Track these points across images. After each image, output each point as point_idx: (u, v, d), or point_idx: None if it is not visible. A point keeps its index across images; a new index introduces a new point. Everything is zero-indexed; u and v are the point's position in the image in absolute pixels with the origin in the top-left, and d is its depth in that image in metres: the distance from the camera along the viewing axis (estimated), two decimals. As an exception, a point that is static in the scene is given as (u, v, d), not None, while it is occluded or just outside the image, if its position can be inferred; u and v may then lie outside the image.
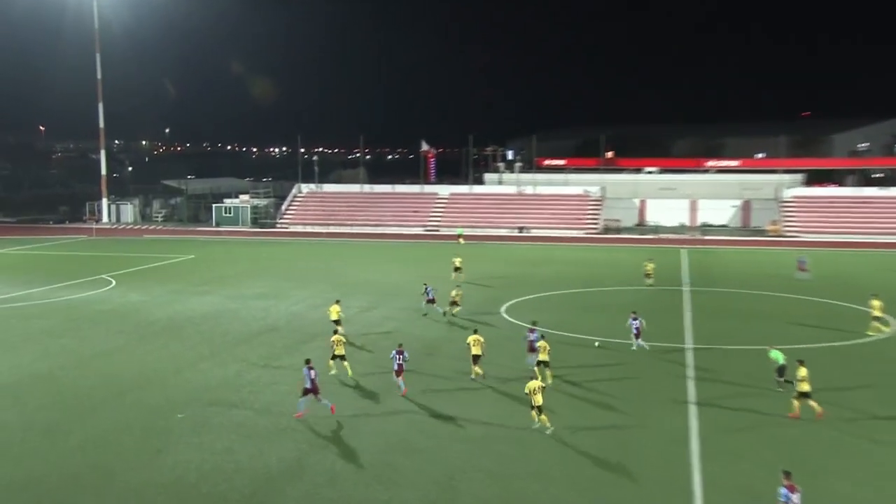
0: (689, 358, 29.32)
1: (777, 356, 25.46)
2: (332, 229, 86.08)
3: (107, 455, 20.25)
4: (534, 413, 21.53)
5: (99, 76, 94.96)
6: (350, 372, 26.82)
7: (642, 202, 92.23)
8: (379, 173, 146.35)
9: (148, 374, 27.35)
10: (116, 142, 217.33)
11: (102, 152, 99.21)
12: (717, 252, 66.93)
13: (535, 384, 21.77)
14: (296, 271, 52.96)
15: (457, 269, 48.59)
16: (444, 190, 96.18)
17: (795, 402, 22.55)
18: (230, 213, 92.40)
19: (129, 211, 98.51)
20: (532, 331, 28.48)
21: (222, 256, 63.68)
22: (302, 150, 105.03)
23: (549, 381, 25.48)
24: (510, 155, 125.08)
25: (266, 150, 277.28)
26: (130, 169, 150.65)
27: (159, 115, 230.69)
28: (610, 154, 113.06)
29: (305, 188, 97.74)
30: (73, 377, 27.14)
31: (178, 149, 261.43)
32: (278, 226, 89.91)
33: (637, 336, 30.34)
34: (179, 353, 30.59)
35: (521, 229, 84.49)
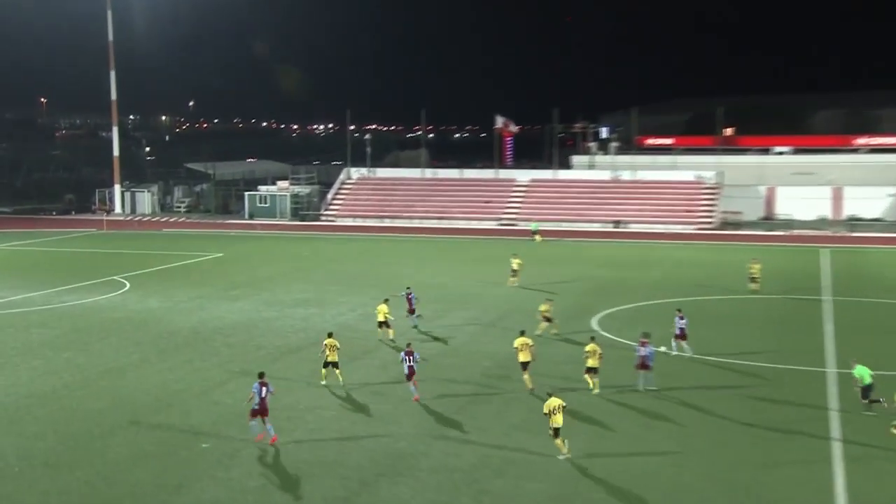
0: (832, 386, 28.41)
1: (863, 373, 25.84)
2: (387, 222, 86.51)
3: (118, 491, 20.53)
4: (559, 442, 22.14)
5: (110, 38, 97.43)
6: (342, 380, 28.56)
7: (770, 190, 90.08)
8: (444, 155, 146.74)
9: (168, 396, 27.73)
10: (131, 117, 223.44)
11: (115, 129, 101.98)
12: (867, 253, 64.73)
13: (555, 402, 22.10)
14: (344, 273, 53.34)
15: (514, 272, 48.39)
16: (523, 175, 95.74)
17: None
18: (266, 203, 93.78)
19: (146, 200, 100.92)
20: (644, 343, 28.48)
21: (256, 255, 64.60)
22: (352, 127, 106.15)
23: (595, 389, 27.50)
24: (604, 133, 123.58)
25: (309, 128, 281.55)
26: (148, 150, 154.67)
27: (182, 85, 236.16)
28: (729, 131, 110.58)
29: (356, 173, 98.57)
30: (80, 398, 27.70)
31: (205, 126, 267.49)
32: (323, 218, 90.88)
33: (681, 338, 31.24)
34: (205, 370, 30.97)
35: (616, 224, 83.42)
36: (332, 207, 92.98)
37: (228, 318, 39.84)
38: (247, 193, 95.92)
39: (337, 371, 28.67)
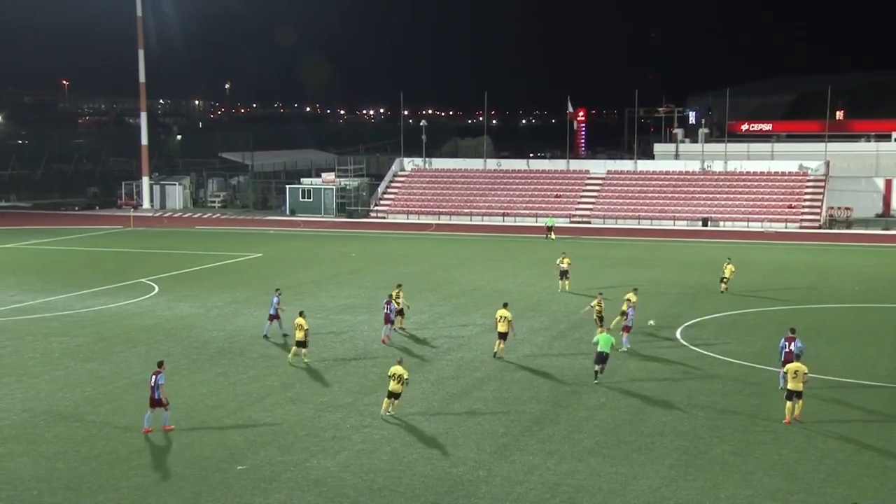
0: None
1: (603, 341, 30.36)
2: (444, 219, 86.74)
3: (146, 517, 20.81)
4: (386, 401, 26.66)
5: (139, 13, 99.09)
6: (307, 359, 32.70)
7: (888, 183, 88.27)
8: (509, 143, 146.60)
9: (200, 412, 28.15)
10: (161, 101, 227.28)
11: (143, 115, 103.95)
12: None
13: (398, 370, 26.95)
14: (396, 276, 53.53)
15: (564, 272, 48.60)
16: (599, 166, 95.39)
17: None
18: (309, 198, 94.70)
19: (177, 194, 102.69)
20: (791, 339, 29.48)
21: (298, 255, 65.26)
22: (406, 112, 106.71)
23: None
24: (692, 118, 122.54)
25: (358, 113, 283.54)
26: (179, 138, 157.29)
27: (218, 66, 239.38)
28: (840, 114, 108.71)
29: (409, 164, 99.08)
30: (104, 414, 28.24)
31: (242, 111, 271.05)
32: (373, 214, 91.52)
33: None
34: (241, 383, 31.38)
35: (705, 221, 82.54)
36: (382, 202, 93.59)
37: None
38: (288, 187, 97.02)
39: (304, 351, 32.78)
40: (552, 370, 32.71)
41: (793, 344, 29.60)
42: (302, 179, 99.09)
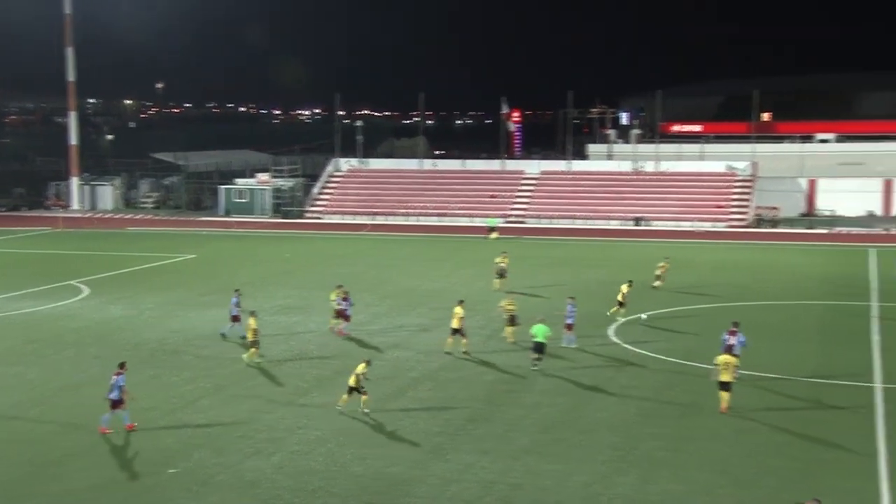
0: (879, 404, 28.48)
1: (538, 331, 32.46)
2: (380, 220, 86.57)
3: (76, 522, 20.50)
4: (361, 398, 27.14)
5: (68, 10, 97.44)
6: (256, 359, 33.21)
7: (812, 183, 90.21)
8: (444, 144, 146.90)
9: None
10: (91, 101, 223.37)
11: (72, 115, 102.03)
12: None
13: (360, 368, 27.64)
14: (332, 277, 53.29)
15: (501, 273, 49.01)
16: (533, 167, 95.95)
17: None
18: (244, 198, 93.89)
19: (107, 194, 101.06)
20: (733, 333, 30.98)
21: (233, 256, 64.72)
22: (341, 112, 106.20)
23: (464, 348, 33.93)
24: (624, 119, 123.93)
25: (293, 114, 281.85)
26: (110, 138, 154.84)
27: (150, 64, 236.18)
28: (766, 116, 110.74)
29: (345, 164, 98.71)
30: (33, 418, 27.76)
31: (175, 111, 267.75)
32: (308, 215, 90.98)
33: (569, 328, 35.71)
34: (175, 385, 31.02)
35: (637, 221, 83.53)
36: (318, 203, 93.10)
37: (201, 328, 39.85)
38: (222, 187, 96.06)
39: (251, 350, 33.33)
40: (488, 369, 32.86)
41: (735, 338, 30.69)
42: (236, 180, 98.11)
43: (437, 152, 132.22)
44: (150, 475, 23.05)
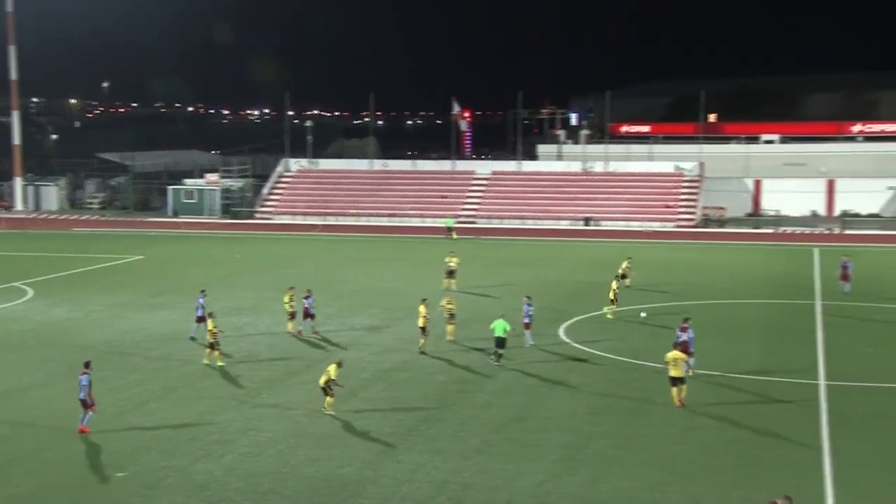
0: (823, 400, 28.98)
1: (498, 326, 33.24)
2: (330, 220, 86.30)
3: (22, 528, 20.19)
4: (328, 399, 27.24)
5: (10, 8, 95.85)
6: (220, 362, 32.99)
7: (757, 183, 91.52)
8: (395, 144, 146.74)
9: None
10: (35, 100, 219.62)
11: (15, 114, 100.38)
12: (863, 253, 65.96)
13: (331, 368, 27.50)
14: (283, 278, 53.04)
15: (450, 273, 49.19)
16: (484, 167, 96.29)
17: None
18: (192, 199, 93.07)
19: (52, 195, 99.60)
20: (684, 329, 31.74)
21: (182, 257, 64.12)
22: (291, 112, 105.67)
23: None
24: (574, 119, 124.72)
25: (242, 114, 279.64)
26: (55, 137, 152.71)
27: (95, 63, 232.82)
28: (713, 117, 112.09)
29: (295, 165, 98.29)
30: (-22, 421, 27.29)
31: (122, 110, 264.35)
32: (258, 215, 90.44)
33: (527, 327, 35.73)
34: (123, 388, 30.64)
35: (587, 221, 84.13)
36: (268, 203, 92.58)
37: (149, 330, 39.47)
38: (170, 187, 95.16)
39: (216, 352, 33.10)
40: (439, 369, 32.91)
41: (686, 333, 31.39)
42: (185, 180, 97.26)
43: (387, 153, 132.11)
44: (98, 479, 22.76)
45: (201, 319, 36.85)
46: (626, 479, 22.55)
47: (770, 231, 79.78)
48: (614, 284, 42.97)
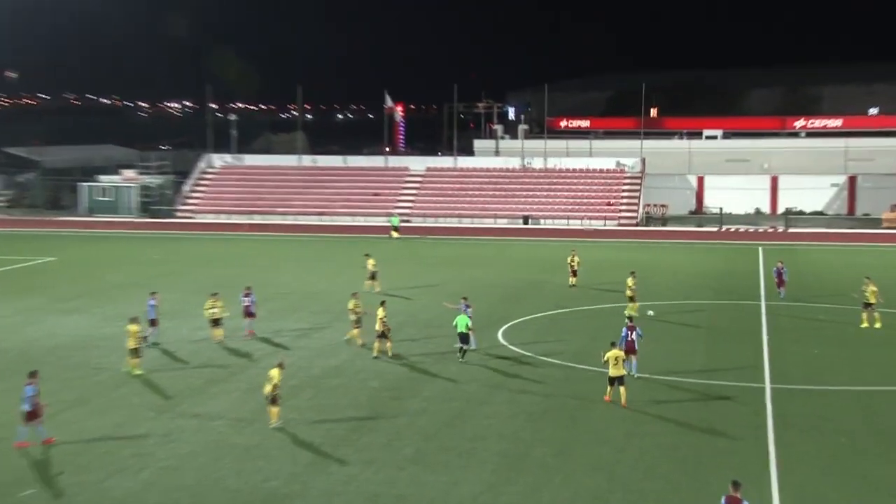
0: (768, 404, 29.37)
1: (461, 322, 34.00)
2: (257, 219, 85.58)
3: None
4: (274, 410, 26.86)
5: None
6: (138, 370, 32.69)
7: (700, 180, 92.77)
8: (325, 139, 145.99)
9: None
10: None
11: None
12: (807, 251, 67.21)
13: (274, 372, 27.13)
14: (207, 280, 52.46)
15: (372, 275, 49.24)
16: (418, 163, 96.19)
17: None
18: (108, 197, 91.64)
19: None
20: (632, 328, 32.33)
21: (97, 259, 63.11)
22: (214, 105, 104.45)
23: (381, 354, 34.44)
24: (511, 114, 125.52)
25: (161, 106, 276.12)
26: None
27: (1, 53, 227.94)
28: (654, 112, 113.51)
29: (219, 161, 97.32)
30: None
31: (30, 102, 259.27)
32: (179, 214, 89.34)
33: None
34: (31, 399, 29.99)
35: (526, 219, 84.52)
36: (190, 202, 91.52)
37: (62, 336, 38.74)
38: (84, 185, 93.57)
39: (135, 360, 32.93)
40: (371, 375, 32.74)
41: (634, 332, 31.99)
42: (100, 177, 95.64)
43: (316, 149, 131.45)
44: (3, 497, 22.23)
45: (154, 323, 37.14)
46: (567, 489, 22.63)
47: (713, 229, 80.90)
48: (630, 281, 43.29)
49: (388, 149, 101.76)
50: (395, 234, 74.04)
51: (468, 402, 29.60)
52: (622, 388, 28.75)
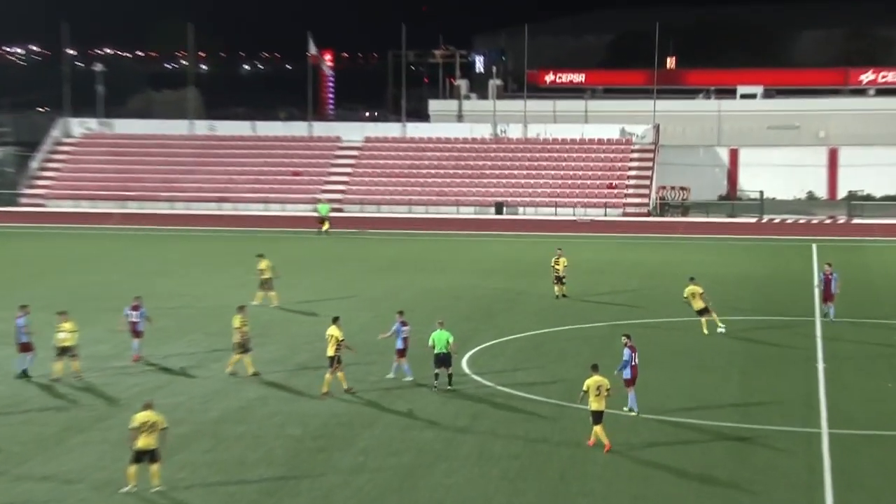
0: (825, 455, 29.42)
1: (438, 339, 34.52)
2: (133, 208, 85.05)
3: None
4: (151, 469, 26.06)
5: None
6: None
7: (734, 154, 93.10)
8: (226, 99, 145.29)
9: None
10: None
11: None
12: (878, 250, 67.70)
13: (149, 417, 26.31)
14: (57, 293, 51.97)
15: (264, 281, 49.61)
16: (354, 131, 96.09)
17: None
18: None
19: None
20: (633, 347, 32.71)
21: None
22: (72, 51, 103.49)
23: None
24: (479, 65, 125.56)
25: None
26: None
27: None
28: (671, 62, 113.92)
29: (80, 127, 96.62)
30: None
31: None
32: (25, 201, 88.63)
33: (401, 354, 35.84)
34: None
35: (499, 208, 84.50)
36: (39, 183, 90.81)
37: None
38: None
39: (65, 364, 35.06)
40: (290, 419, 32.47)
41: (636, 354, 32.41)
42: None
43: (215, 111, 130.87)
44: None
45: (26, 348, 37.33)
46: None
47: (751, 221, 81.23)
48: (697, 289, 43.88)
49: (312, 112, 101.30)
50: (325, 228, 73.73)
51: (422, 454, 29.41)
52: (598, 426, 28.93)
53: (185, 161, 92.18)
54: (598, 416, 29.02)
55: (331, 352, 34.90)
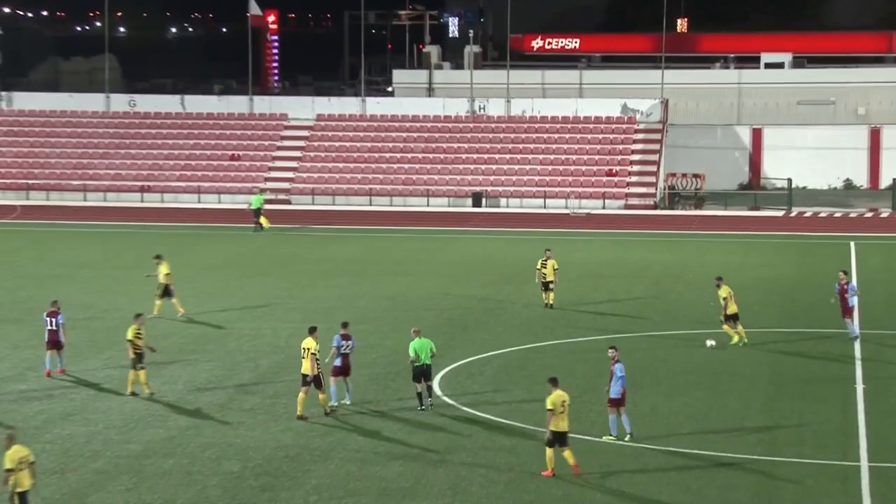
0: (865, 492, 29.50)
1: (418, 347, 35.39)
2: (37, 200, 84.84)
3: None
4: None
5: None
6: None
7: (757, 135, 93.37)
8: (150, 69, 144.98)
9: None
10: None
11: None
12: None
13: (22, 453, 24.95)
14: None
15: (165, 290, 50.11)
16: (303, 108, 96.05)
17: None
18: None
19: None
20: (615, 359, 33.19)
21: None
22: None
23: None
24: (453, 27, 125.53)
25: None
26: None
27: None
28: (682, 24, 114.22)
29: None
30: None
31: None
32: None
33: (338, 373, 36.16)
34: None
35: (477, 199, 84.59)
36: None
37: None
38: None
39: None
40: (228, 453, 32.43)
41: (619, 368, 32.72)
42: None
43: (135, 83, 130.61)
44: None
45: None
46: None
47: (777, 214, 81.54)
48: (724, 292, 44.26)
49: (253, 85, 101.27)
50: (264, 223, 73.56)
51: (385, 495, 29.43)
52: (567, 451, 29.12)
53: (99, 143, 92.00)
54: (563, 438, 29.34)
55: (307, 369, 34.97)
